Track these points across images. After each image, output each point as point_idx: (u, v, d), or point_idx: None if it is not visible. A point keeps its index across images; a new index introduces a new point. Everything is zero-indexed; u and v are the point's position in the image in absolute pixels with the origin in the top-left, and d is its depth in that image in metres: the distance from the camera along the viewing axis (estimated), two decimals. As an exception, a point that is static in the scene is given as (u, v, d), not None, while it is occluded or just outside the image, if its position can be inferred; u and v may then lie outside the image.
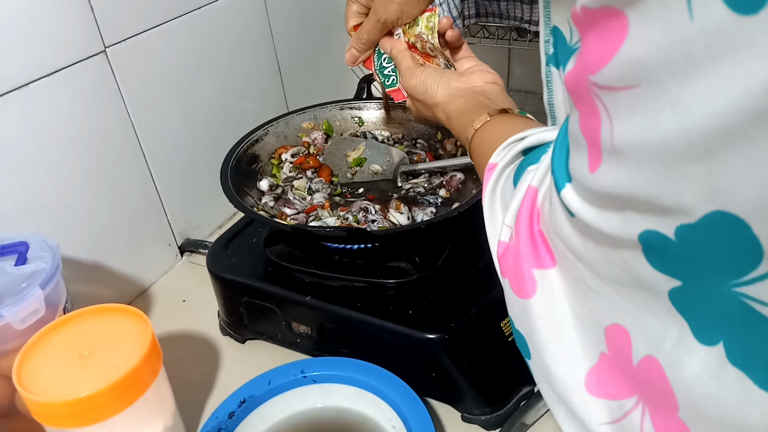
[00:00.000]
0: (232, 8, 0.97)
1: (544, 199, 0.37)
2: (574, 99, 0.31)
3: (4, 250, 0.66)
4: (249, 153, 0.86)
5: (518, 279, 0.39)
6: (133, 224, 0.88)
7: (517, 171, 0.43)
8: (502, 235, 0.42)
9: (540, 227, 0.38)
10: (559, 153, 0.35)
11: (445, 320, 0.65)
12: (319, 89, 1.22)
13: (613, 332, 0.33)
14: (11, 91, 0.69)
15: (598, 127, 0.28)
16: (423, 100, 0.64)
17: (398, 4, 0.65)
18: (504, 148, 0.46)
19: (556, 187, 0.34)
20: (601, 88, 0.27)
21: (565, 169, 0.33)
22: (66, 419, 0.53)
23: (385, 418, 0.65)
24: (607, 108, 0.27)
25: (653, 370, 0.31)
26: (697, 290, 0.28)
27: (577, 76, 0.29)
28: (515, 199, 0.41)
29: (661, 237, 0.27)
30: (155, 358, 0.58)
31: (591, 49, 0.28)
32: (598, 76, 0.27)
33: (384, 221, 0.74)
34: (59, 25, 0.72)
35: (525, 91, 1.21)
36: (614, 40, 0.26)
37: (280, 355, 0.77)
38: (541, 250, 0.38)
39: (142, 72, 0.84)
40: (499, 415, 0.66)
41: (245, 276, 0.75)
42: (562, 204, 0.34)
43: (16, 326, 0.59)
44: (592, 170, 0.29)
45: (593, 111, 0.28)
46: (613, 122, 0.27)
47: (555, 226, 0.35)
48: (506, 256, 0.41)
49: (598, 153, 0.29)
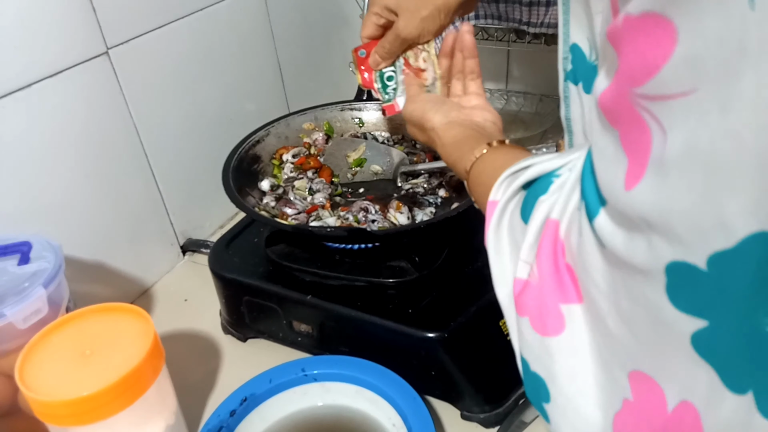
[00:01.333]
0: (234, 10, 0.97)
1: (569, 230, 0.36)
2: (612, 118, 0.29)
3: (7, 249, 0.66)
4: (250, 153, 0.86)
5: (542, 316, 0.37)
6: (135, 224, 0.89)
7: (524, 205, 0.41)
8: (519, 272, 0.40)
9: (567, 261, 0.36)
10: (588, 179, 0.33)
11: (444, 319, 0.65)
12: (319, 90, 1.22)
13: (638, 379, 0.31)
14: (14, 92, 0.69)
15: (647, 141, 0.26)
16: (420, 125, 0.64)
17: (420, 21, 0.65)
18: (501, 182, 0.44)
19: (589, 215, 0.32)
20: (651, 99, 0.26)
21: (596, 194, 0.31)
22: (68, 418, 0.54)
23: (385, 416, 0.65)
24: (659, 119, 0.26)
25: (688, 417, 0.29)
26: (724, 331, 0.26)
27: (616, 93, 0.28)
28: (530, 234, 0.39)
29: (690, 268, 0.25)
30: (157, 357, 0.58)
31: (633, 62, 0.27)
32: (648, 86, 0.26)
33: (384, 221, 0.75)
34: (61, 27, 0.73)
35: (524, 93, 1.22)
36: (662, 47, 0.25)
37: (281, 353, 0.77)
38: (567, 285, 0.36)
39: (144, 73, 0.85)
40: (498, 413, 0.66)
41: (246, 275, 0.76)
42: (593, 234, 0.32)
43: (19, 325, 0.59)
44: (628, 187, 0.28)
45: (639, 126, 0.27)
46: (667, 133, 0.25)
47: (583, 258, 0.33)
48: (526, 293, 0.39)
49: (642, 168, 0.27)
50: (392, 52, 0.70)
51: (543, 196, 0.39)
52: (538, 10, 0.96)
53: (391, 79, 0.72)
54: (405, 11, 0.65)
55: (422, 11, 0.64)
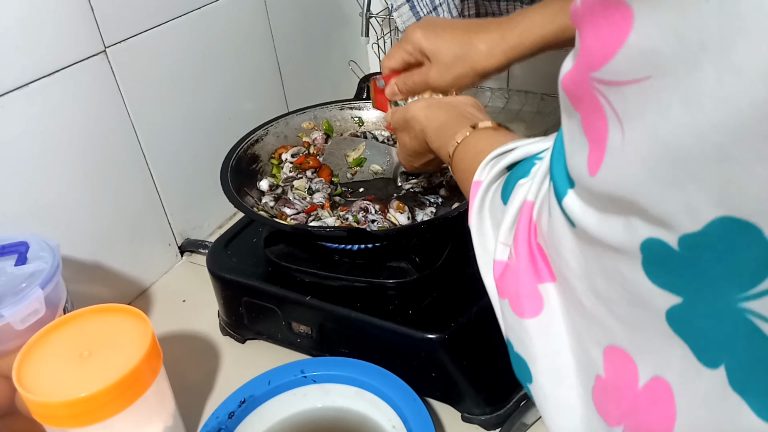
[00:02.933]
0: (232, 8, 0.97)
1: (541, 211, 0.36)
2: (574, 101, 0.29)
3: (4, 250, 0.66)
4: (249, 153, 0.86)
5: (520, 298, 0.37)
6: (133, 224, 0.88)
7: (505, 186, 0.41)
8: (498, 254, 0.40)
9: (538, 241, 0.36)
10: (558, 160, 0.33)
11: (445, 320, 0.65)
12: (319, 89, 1.22)
13: (613, 354, 0.32)
14: (11, 91, 0.69)
15: (604, 127, 0.27)
16: (403, 122, 0.63)
17: (453, 78, 0.63)
18: (487, 164, 0.44)
19: (557, 196, 0.32)
20: (606, 83, 0.26)
21: (565, 175, 0.32)
22: (66, 419, 0.53)
23: (385, 418, 0.65)
24: (614, 106, 0.26)
25: (660, 392, 0.29)
26: (698, 307, 0.26)
27: (576, 75, 0.28)
28: (508, 215, 0.39)
29: (665, 246, 0.26)
30: (155, 358, 0.58)
31: (591, 45, 0.26)
32: (603, 71, 0.26)
33: (384, 221, 0.74)
34: (59, 25, 0.72)
35: (525, 91, 1.21)
36: (618, 32, 0.24)
37: (280, 355, 0.77)
38: (540, 266, 0.36)
39: (142, 72, 0.84)
40: (499, 415, 0.66)
41: (245, 276, 0.75)
42: (563, 214, 0.32)
43: (16, 326, 0.59)
44: (592, 173, 0.28)
45: (597, 110, 0.27)
46: (622, 121, 0.26)
47: (554, 239, 0.34)
48: (505, 276, 0.39)
49: (601, 154, 0.27)
50: (414, 91, 0.69)
51: (523, 179, 0.39)
52: (538, 9, 0.95)
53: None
54: (440, 64, 0.64)
55: (458, 68, 0.63)
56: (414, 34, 0.65)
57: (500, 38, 0.62)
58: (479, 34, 0.63)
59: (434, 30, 0.65)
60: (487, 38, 0.62)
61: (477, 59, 0.62)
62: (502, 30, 0.62)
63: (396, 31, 1.11)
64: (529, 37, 0.61)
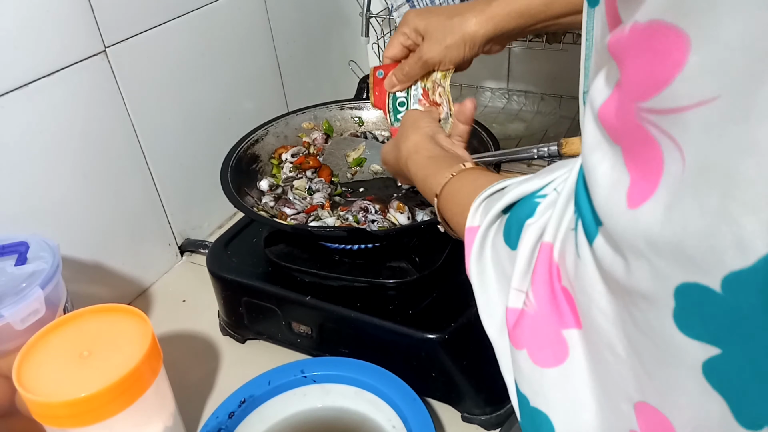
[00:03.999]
0: (232, 8, 0.97)
1: (563, 252, 0.34)
2: (614, 134, 0.28)
3: (4, 250, 0.66)
4: (249, 153, 0.86)
5: (542, 347, 0.35)
6: (133, 224, 0.88)
7: (508, 229, 0.39)
8: (512, 302, 0.37)
9: (563, 284, 0.34)
10: (583, 197, 0.31)
11: (445, 320, 0.65)
12: (319, 89, 1.22)
13: (645, 411, 0.29)
14: (11, 91, 0.69)
15: (658, 158, 0.25)
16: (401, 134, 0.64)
17: (444, 47, 0.66)
18: (478, 207, 0.42)
19: (588, 237, 0.30)
20: (660, 113, 0.24)
21: (592, 214, 0.30)
22: (66, 419, 0.53)
23: (385, 418, 0.65)
24: (672, 135, 0.24)
25: None
26: (739, 359, 0.24)
27: (618, 108, 0.27)
28: (521, 259, 0.37)
29: (703, 290, 0.24)
30: (155, 358, 0.58)
31: (638, 75, 0.25)
32: (656, 100, 0.24)
33: (384, 221, 0.74)
34: (59, 25, 0.72)
35: (525, 92, 1.21)
36: (672, 58, 0.23)
37: (280, 355, 0.77)
38: (564, 310, 0.34)
39: (142, 72, 0.84)
40: (500, 415, 0.66)
41: (245, 276, 0.75)
42: (592, 256, 0.30)
43: (16, 326, 0.59)
44: (632, 205, 0.26)
45: (647, 142, 0.25)
46: (683, 149, 0.24)
47: (584, 282, 0.31)
48: (521, 323, 0.36)
49: (652, 186, 0.25)
50: (410, 75, 0.70)
51: (530, 219, 0.37)
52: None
53: (403, 105, 0.73)
54: (431, 36, 0.66)
55: (448, 39, 0.65)
56: (409, 15, 0.69)
57: (487, 6, 0.64)
58: (468, 6, 0.66)
59: (427, 9, 0.69)
60: (474, 8, 0.65)
61: (465, 28, 0.65)
62: (490, 1, 0.65)
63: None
64: (515, 6, 0.63)
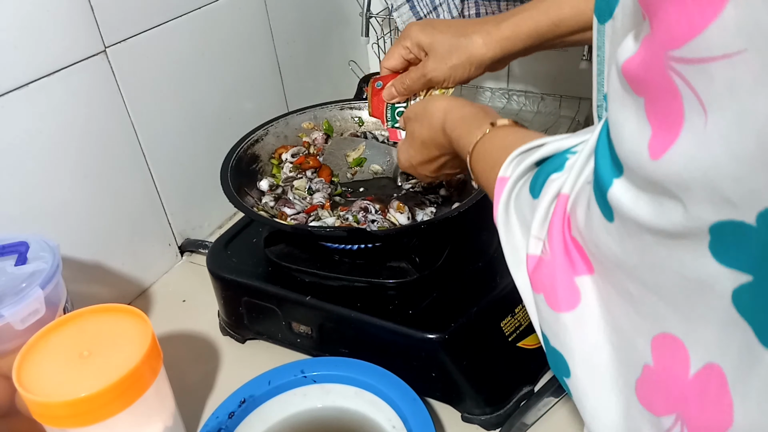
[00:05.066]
0: (232, 8, 0.97)
1: (576, 203, 0.36)
2: (636, 85, 0.28)
3: (5, 250, 0.66)
4: (249, 153, 0.86)
5: (556, 291, 0.37)
6: (133, 224, 0.88)
7: (534, 180, 0.40)
8: (531, 248, 0.39)
9: (573, 234, 0.36)
10: (603, 151, 0.32)
11: (445, 320, 0.65)
12: (319, 89, 1.22)
13: (663, 342, 0.31)
14: (11, 91, 0.69)
15: (678, 109, 0.26)
16: (421, 109, 0.62)
17: (449, 68, 0.64)
18: (512, 160, 0.43)
19: (601, 187, 0.31)
20: (688, 61, 0.25)
21: (610, 164, 0.31)
22: (66, 419, 0.53)
23: (385, 418, 0.65)
24: (694, 87, 0.25)
25: (713, 380, 0.28)
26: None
27: (646, 56, 0.27)
28: (540, 208, 0.39)
29: (738, 226, 0.25)
30: (155, 358, 0.58)
31: (673, 21, 0.25)
32: (686, 48, 0.25)
33: (384, 221, 0.74)
34: (59, 25, 0.72)
35: (525, 92, 1.21)
36: (711, 5, 0.23)
37: (280, 355, 0.77)
38: (575, 258, 0.36)
39: (142, 72, 0.84)
40: (500, 415, 0.66)
41: (245, 276, 0.75)
42: (601, 208, 0.32)
43: (16, 326, 0.59)
44: (655, 156, 0.27)
45: (669, 93, 0.26)
46: (704, 103, 0.24)
47: (592, 231, 0.33)
48: (539, 270, 0.39)
49: (672, 137, 0.26)
50: (411, 89, 0.70)
51: (557, 173, 0.39)
52: (538, 9, 0.95)
53: (402, 114, 0.72)
54: (436, 54, 0.65)
55: (453, 59, 0.64)
56: (411, 29, 0.67)
57: (495, 28, 0.63)
58: (475, 26, 0.64)
59: (431, 24, 0.67)
60: (482, 30, 0.64)
61: (472, 49, 0.63)
62: (498, 21, 0.64)
63: (396, 31, 1.11)
64: (524, 28, 0.62)
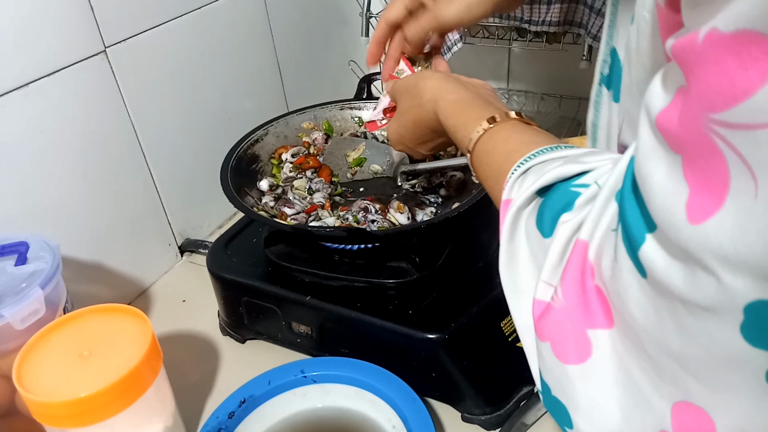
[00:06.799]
0: (232, 8, 0.97)
1: (600, 252, 0.33)
2: (674, 142, 0.27)
3: (5, 250, 0.66)
4: (249, 153, 0.85)
5: (565, 343, 0.35)
6: (133, 224, 0.88)
7: (541, 215, 0.38)
8: (540, 293, 0.37)
9: (596, 282, 0.34)
10: (630, 201, 0.30)
11: (445, 320, 0.65)
12: (319, 89, 1.22)
13: (686, 410, 0.29)
14: (11, 91, 0.69)
15: (723, 173, 0.24)
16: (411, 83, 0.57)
17: (466, 6, 0.57)
18: (516, 180, 0.41)
19: (632, 242, 0.30)
20: (732, 126, 0.24)
21: (640, 218, 0.29)
22: (66, 419, 0.53)
23: (385, 418, 0.65)
24: (739, 150, 0.24)
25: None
26: None
27: (684, 116, 0.26)
28: (553, 253, 0.36)
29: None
30: (155, 358, 0.58)
31: (714, 84, 0.24)
32: (730, 113, 0.23)
33: (384, 221, 0.74)
34: (59, 25, 0.72)
35: (525, 92, 1.21)
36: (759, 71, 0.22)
37: (280, 355, 0.77)
38: (594, 310, 0.34)
39: (142, 72, 0.84)
40: (499, 415, 0.66)
41: (245, 276, 0.75)
42: (632, 263, 0.30)
43: (16, 326, 0.59)
44: (695, 221, 0.25)
45: (712, 155, 0.25)
46: (753, 169, 0.23)
47: (619, 287, 0.31)
48: (548, 318, 0.37)
49: (716, 202, 0.25)
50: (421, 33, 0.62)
51: (567, 213, 0.37)
52: (539, 8, 0.95)
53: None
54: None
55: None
56: None
57: None
58: None
59: None
60: None
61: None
62: None
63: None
64: None
